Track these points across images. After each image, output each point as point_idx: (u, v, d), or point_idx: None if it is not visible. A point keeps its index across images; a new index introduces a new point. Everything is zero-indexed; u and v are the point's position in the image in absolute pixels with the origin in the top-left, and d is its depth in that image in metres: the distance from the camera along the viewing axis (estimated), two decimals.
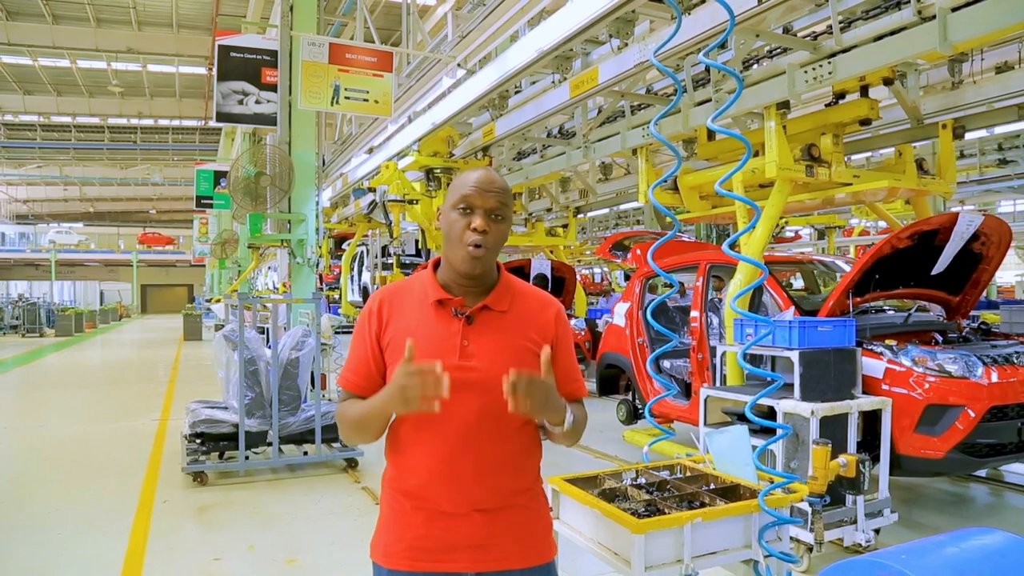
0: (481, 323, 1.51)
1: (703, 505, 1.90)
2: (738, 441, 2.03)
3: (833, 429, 4.00)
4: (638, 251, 7.38)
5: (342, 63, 7.15)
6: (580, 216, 12.67)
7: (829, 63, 4.51)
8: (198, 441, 5.59)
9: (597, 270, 26.55)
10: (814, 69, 4.60)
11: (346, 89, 7.13)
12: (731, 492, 1.99)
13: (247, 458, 5.62)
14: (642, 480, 2.12)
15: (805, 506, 3.86)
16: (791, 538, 3.75)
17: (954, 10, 3.76)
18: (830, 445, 1.94)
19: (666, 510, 1.86)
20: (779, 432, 2.16)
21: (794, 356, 4.14)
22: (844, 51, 4.51)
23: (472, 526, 1.50)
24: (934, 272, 4.92)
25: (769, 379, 4.75)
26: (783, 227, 13.11)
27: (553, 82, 6.77)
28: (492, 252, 1.51)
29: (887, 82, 5.26)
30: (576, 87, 6.17)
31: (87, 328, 26.64)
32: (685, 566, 1.75)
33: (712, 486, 2.03)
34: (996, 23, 3.52)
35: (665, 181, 2.30)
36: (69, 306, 30.55)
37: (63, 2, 20.89)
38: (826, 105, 5.78)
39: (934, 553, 1.43)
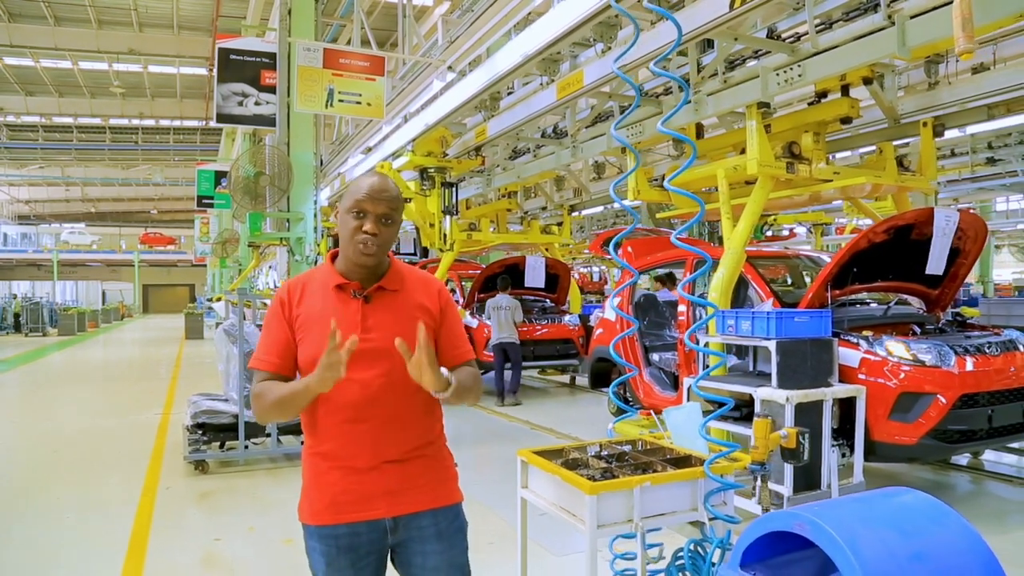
0: (377, 301, 1.75)
1: (656, 472, 2.09)
2: (691, 417, 2.22)
3: (810, 416, 4.18)
4: (629, 248, 7.56)
5: (336, 67, 7.36)
6: (575, 214, 12.84)
7: (799, 66, 4.70)
8: (199, 431, 5.78)
9: (596, 268, 26.69)
10: (785, 72, 4.79)
11: (340, 92, 7.35)
12: (683, 462, 2.18)
13: (247, 447, 5.81)
14: (604, 452, 2.31)
15: (782, 489, 4.09)
16: None
17: (912, 17, 3.95)
18: (770, 418, 2.13)
19: (620, 476, 2.06)
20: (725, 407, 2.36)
21: (771, 345, 4.32)
22: (817, 54, 4.69)
23: (384, 476, 1.71)
24: (930, 272, 5.02)
25: (751, 369, 4.98)
26: (771, 224, 13.24)
27: (541, 84, 6.96)
28: (382, 250, 1.73)
29: (867, 81, 5.43)
30: (563, 89, 6.36)
31: (89, 327, 26.85)
32: (635, 525, 1.94)
33: (668, 457, 2.22)
34: (949, 29, 3.69)
35: (622, 181, 2.47)
36: (71, 306, 30.76)
37: (65, 4, 21.07)
38: (808, 104, 5.95)
39: (847, 507, 1.62)
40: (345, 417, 1.71)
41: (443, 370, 1.66)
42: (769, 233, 14.66)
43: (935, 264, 4.99)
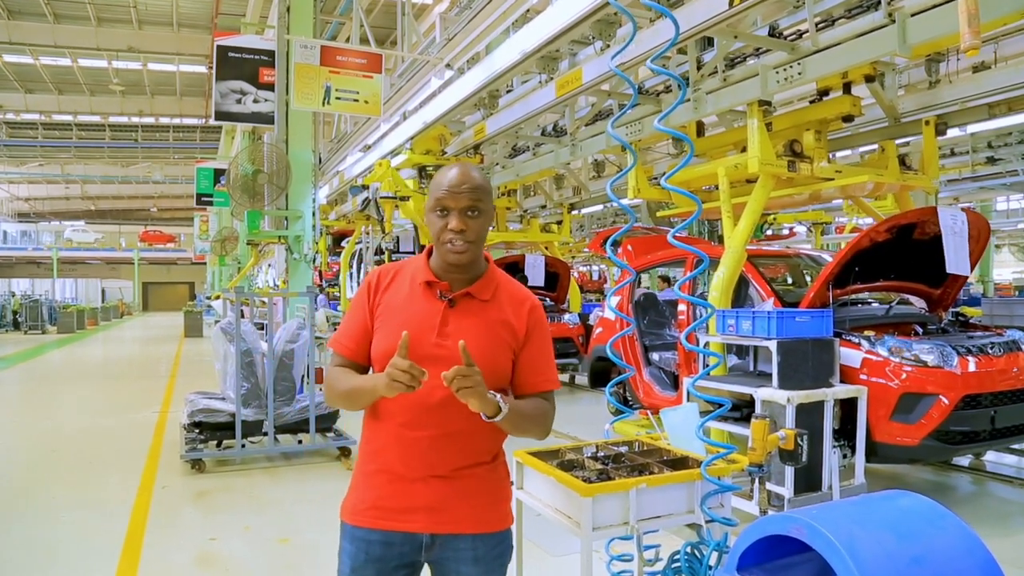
0: (462, 308, 1.65)
1: (652, 474, 2.06)
2: (689, 418, 2.19)
3: (811, 416, 4.14)
4: (629, 247, 7.53)
5: (333, 65, 7.35)
6: (575, 213, 12.81)
7: (799, 64, 4.67)
8: (196, 430, 5.76)
9: (595, 268, 26.65)
10: (785, 70, 4.75)
11: (337, 90, 7.34)
12: (680, 463, 2.15)
13: (243, 446, 5.79)
14: (601, 454, 2.29)
15: (782, 491, 4.06)
16: None
17: (913, 15, 3.92)
18: (768, 419, 2.10)
19: (616, 477, 2.03)
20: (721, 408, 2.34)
21: (772, 345, 4.28)
22: (817, 52, 4.65)
23: (429, 490, 1.62)
24: (955, 272, 4.91)
25: (752, 369, 4.94)
26: (771, 223, 13.20)
27: (540, 82, 6.93)
28: (475, 245, 1.63)
29: (868, 79, 5.38)
30: (561, 87, 6.32)
31: (89, 325, 26.85)
32: (630, 527, 1.91)
33: (664, 458, 2.19)
34: (951, 27, 3.66)
35: (619, 179, 2.45)
36: (71, 303, 30.76)
37: (64, 1, 21.05)
38: (810, 102, 5.91)
39: (844, 510, 1.59)
40: (402, 421, 1.63)
41: (495, 395, 1.54)
42: (769, 232, 14.63)
43: (955, 264, 4.86)
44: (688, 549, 2.04)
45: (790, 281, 7.51)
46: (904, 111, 5.93)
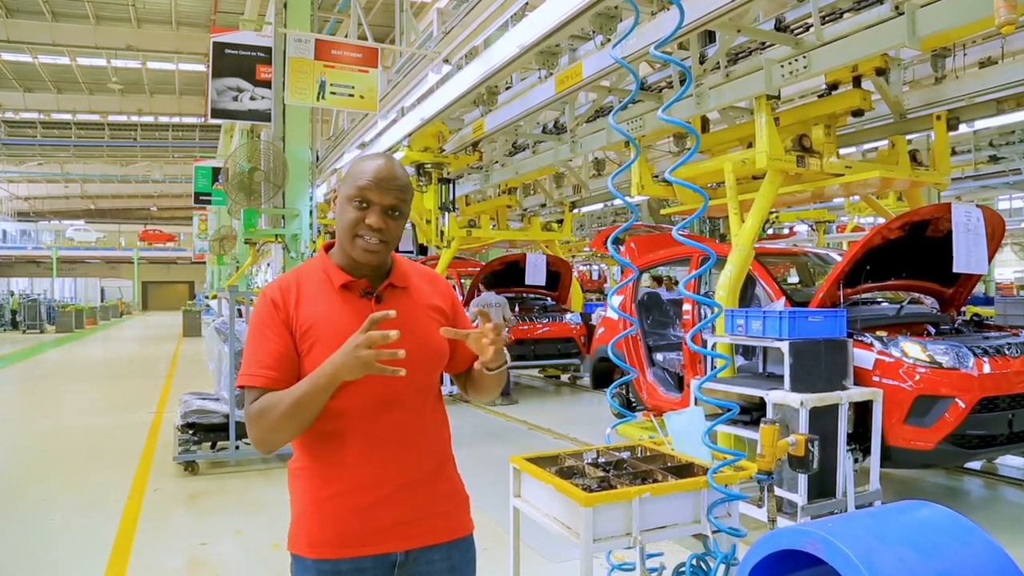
0: (389, 300, 1.52)
1: (656, 482, 1.96)
2: (694, 422, 2.08)
3: (824, 420, 4.01)
4: (632, 244, 7.42)
5: (327, 59, 7.25)
6: (576, 211, 12.71)
7: (804, 58, 4.55)
8: (190, 432, 5.66)
9: (595, 267, 26.55)
10: (790, 63, 4.63)
11: (331, 85, 7.24)
12: (685, 470, 2.04)
13: (238, 448, 5.68)
14: (602, 459, 2.18)
15: (795, 498, 3.94)
16: None
17: (923, 6, 3.82)
18: (778, 424, 1.99)
19: (617, 486, 1.92)
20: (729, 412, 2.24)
21: (784, 347, 4.14)
22: (822, 45, 4.55)
23: (398, 504, 1.50)
24: (969, 271, 4.76)
25: (761, 370, 4.83)
26: (773, 221, 13.07)
27: (539, 78, 6.82)
28: (388, 247, 1.51)
29: (879, 72, 5.25)
30: (561, 82, 6.21)
31: (87, 324, 26.78)
32: (633, 539, 1.81)
33: (668, 465, 2.09)
34: (961, 18, 3.56)
35: (620, 173, 2.34)
36: (70, 303, 30.71)
37: None
38: (819, 96, 5.79)
39: (861, 523, 1.49)
40: (361, 432, 1.49)
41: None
42: (770, 231, 14.54)
43: (966, 262, 4.71)
44: (694, 561, 1.93)
45: (793, 280, 7.40)
46: (909, 107, 5.82)
